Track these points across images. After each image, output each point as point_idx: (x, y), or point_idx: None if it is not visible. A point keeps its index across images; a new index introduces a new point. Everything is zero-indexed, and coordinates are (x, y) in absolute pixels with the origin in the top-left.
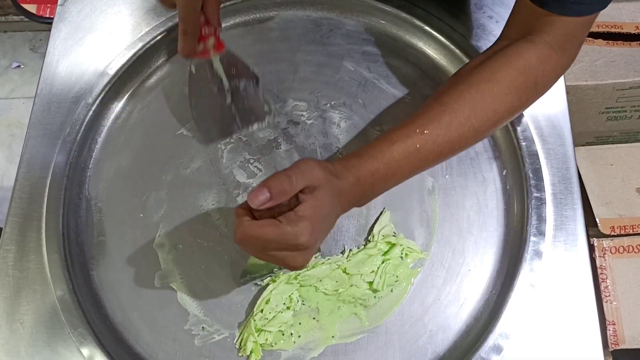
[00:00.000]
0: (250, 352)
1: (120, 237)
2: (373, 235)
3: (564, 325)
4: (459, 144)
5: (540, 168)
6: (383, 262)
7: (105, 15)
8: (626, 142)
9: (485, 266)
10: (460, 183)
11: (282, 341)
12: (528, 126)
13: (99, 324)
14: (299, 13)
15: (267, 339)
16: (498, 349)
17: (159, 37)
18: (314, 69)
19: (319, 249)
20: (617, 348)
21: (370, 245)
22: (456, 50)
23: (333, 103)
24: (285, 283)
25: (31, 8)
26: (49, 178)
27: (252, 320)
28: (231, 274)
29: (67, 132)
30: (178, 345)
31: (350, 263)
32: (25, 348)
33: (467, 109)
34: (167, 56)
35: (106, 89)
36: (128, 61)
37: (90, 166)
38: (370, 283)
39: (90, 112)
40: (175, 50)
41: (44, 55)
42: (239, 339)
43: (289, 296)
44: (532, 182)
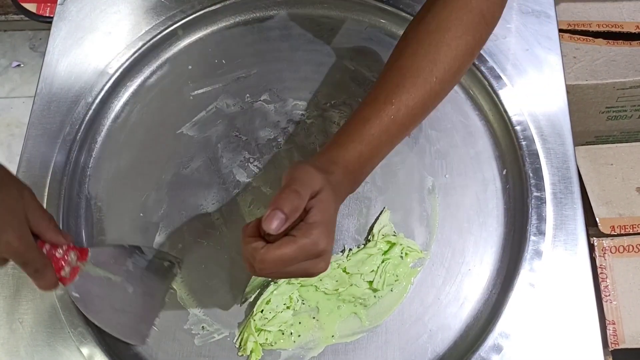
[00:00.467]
0: (251, 352)
1: (120, 237)
2: (373, 235)
3: (564, 325)
4: (430, 101)
5: (540, 167)
6: (383, 262)
7: (105, 15)
8: (626, 142)
9: (485, 266)
10: (460, 182)
11: (282, 340)
12: (528, 125)
13: None
14: (299, 12)
15: (267, 339)
16: (498, 349)
17: (159, 36)
18: (314, 68)
19: None
20: (617, 348)
21: (370, 244)
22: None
23: (333, 102)
24: (287, 284)
25: (31, 7)
26: (49, 177)
27: (252, 320)
28: (231, 274)
29: (67, 132)
30: (178, 345)
31: (350, 262)
32: (25, 347)
33: (426, 64)
34: (167, 55)
35: (106, 88)
36: (128, 60)
37: (90, 165)
38: (370, 282)
39: (90, 112)
40: (175, 49)
41: (44, 54)
42: (238, 338)
43: (289, 296)
44: (532, 182)
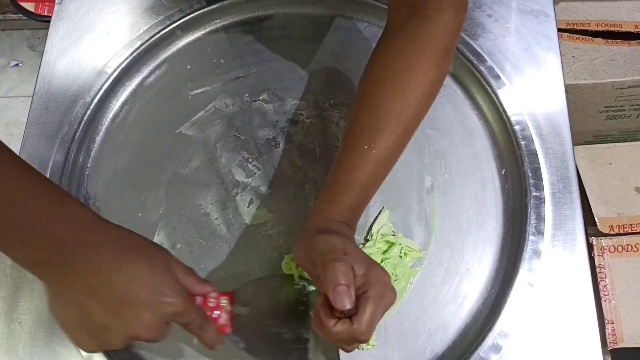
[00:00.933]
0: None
1: None
2: (372, 235)
3: (563, 325)
4: (406, 136)
5: (539, 167)
6: (382, 262)
7: (104, 14)
8: (625, 141)
9: (484, 265)
10: (459, 182)
11: None
12: (527, 125)
13: None
14: (298, 12)
15: None
16: (497, 348)
17: (157, 36)
18: (313, 67)
19: None
20: (616, 347)
21: (369, 244)
22: (455, 50)
23: (332, 102)
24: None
25: (29, 6)
26: (47, 177)
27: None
28: (230, 273)
29: (65, 131)
30: (177, 345)
31: None
32: (24, 348)
33: (398, 104)
34: (166, 55)
35: (104, 87)
36: (126, 60)
37: (88, 165)
38: None
39: (89, 111)
40: (173, 49)
41: (42, 53)
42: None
43: None
44: (531, 181)
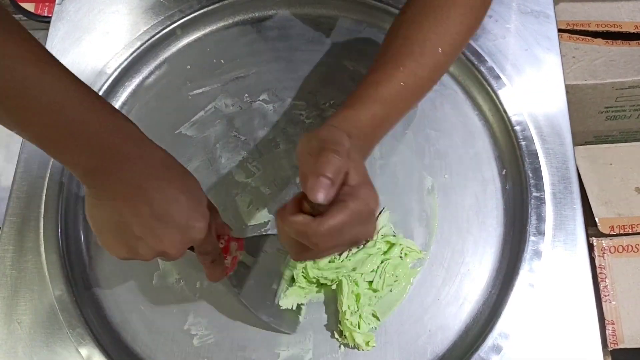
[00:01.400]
0: (367, 343)
1: None
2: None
3: (564, 325)
4: (435, 72)
5: (539, 168)
6: (382, 262)
7: (103, 15)
8: (625, 142)
9: (485, 266)
10: (459, 182)
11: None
12: (527, 126)
13: (98, 324)
14: (297, 12)
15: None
16: (497, 349)
17: (157, 36)
18: (313, 68)
19: None
20: (616, 347)
21: (369, 244)
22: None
23: (332, 102)
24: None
25: (29, 7)
26: (47, 178)
27: (345, 320)
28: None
29: None
30: (176, 346)
31: (350, 263)
32: (24, 348)
33: (433, 36)
34: (166, 55)
35: (104, 88)
36: (126, 60)
37: None
38: (370, 282)
39: None
40: (173, 49)
41: None
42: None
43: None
44: (532, 182)
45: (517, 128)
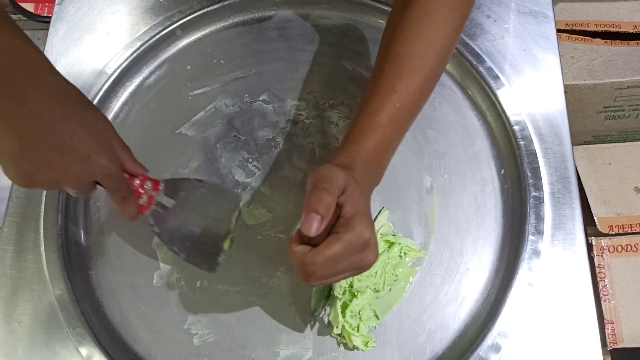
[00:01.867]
0: (366, 344)
1: (119, 237)
2: None
3: (563, 325)
4: (430, 81)
5: (538, 167)
6: (383, 263)
7: (103, 15)
8: (624, 141)
9: (484, 265)
10: (458, 182)
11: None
12: (526, 125)
13: (98, 323)
14: (297, 12)
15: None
16: (496, 348)
17: (158, 37)
18: (313, 68)
19: None
20: (616, 347)
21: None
22: (454, 50)
23: (332, 102)
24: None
25: (29, 7)
26: None
27: (345, 323)
28: (229, 273)
29: None
30: (176, 345)
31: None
32: (23, 348)
33: (420, 48)
34: (166, 55)
35: (104, 88)
36: (126, 60)
37: None
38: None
39: None
40: (173, 50)
41: None
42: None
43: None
44: (531, 182)
45: (516, 128)
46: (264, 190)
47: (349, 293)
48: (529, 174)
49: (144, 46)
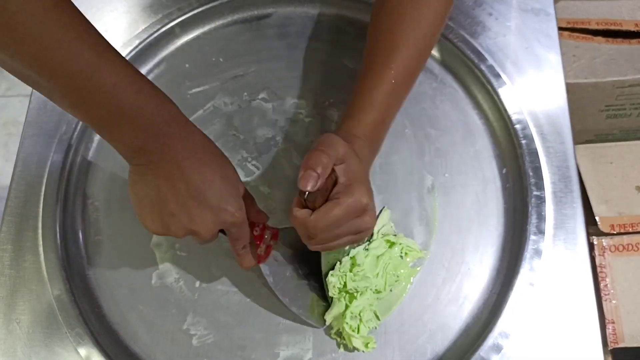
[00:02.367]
0: (366, 345)
1: (117, 236)
2: (372, 234)
3: (564, 324)
4: (422, 57)
5: (540, 166)
6: (384, 263)
7: (102, 13)
8: (626, 140)
9: (485, 265)
10: (459, 181)
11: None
12: (528, 124)
13: (96, 323)
14: (297, 10)
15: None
16: (498, 348)
17: (156, 35)
18: (312, 66)
19: None
20: (617, 347)
21: (373, 244)
22: (455, 48)
23: (332, 101)
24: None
25: None
26: (45, 177)
27: (345, 324)
28: (228, 273)
29: (64, 131)
30: (176, 345)
31: (367, 268)
32: (22, 348)
33: (413, 24)
34: (164, 54)
35: None
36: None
37: (86, 165)
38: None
39: None
40: (172, 48)
41: None
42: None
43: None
44: (532, 181)
45: (518, 126)
46: (263, 189)
47: (345, 292)
48: (531, 173)
49: (142, 44)
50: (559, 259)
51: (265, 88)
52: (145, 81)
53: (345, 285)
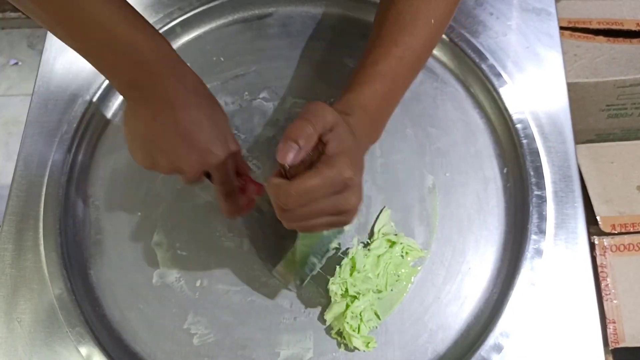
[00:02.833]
0: (367, 344)
1: (118, 236)
2: (373, 234)
3: (565, 324)
4: (430, 43)
5: (541, 166)
6: (385, 263)
7: None
8: (627, 140)
9: (486, 264)
10: (460, 181)
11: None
12: (529, 124)
13: (97, 323)
14: (297, 9)
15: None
16: (498, 348)
17: None
18: (313, 65)
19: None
20: (618, 346)
21: (374, 244)
22: (457, 48)
23: (332, 100)
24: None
25: None
26: (47, 176)
27: (346, 323)
28: (229, 273)
29: (65, 130)
30: (176, 345)
31: (369, 269)
32: (23, 347)
33: (424, 8)
34: None
35: (103, 86)
36: None
37: (87, 164)
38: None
39: (88, 110)
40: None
41: (42, 52)
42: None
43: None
44: (533, 180)
45: (519, 126)
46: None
47: (348, 295)
48: (532, 173)
49: None
50: (559, 259)
51: (266, 87)
52: (141, 20)
53: (347, 291)
